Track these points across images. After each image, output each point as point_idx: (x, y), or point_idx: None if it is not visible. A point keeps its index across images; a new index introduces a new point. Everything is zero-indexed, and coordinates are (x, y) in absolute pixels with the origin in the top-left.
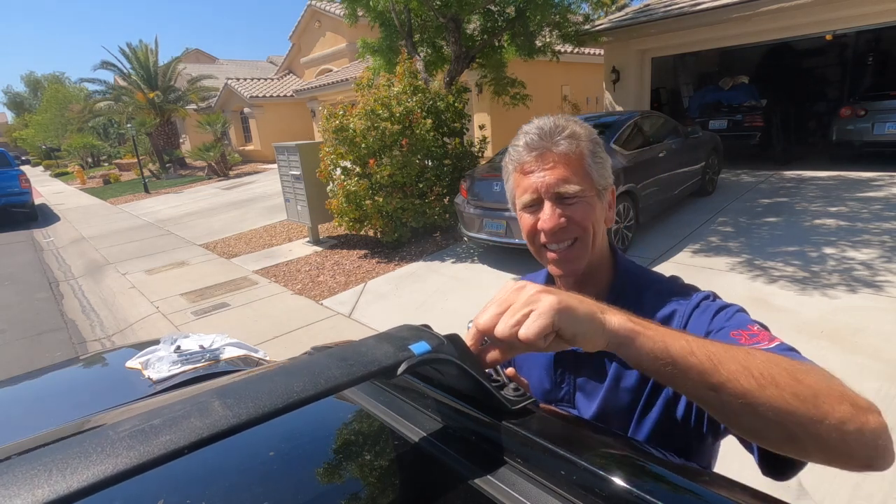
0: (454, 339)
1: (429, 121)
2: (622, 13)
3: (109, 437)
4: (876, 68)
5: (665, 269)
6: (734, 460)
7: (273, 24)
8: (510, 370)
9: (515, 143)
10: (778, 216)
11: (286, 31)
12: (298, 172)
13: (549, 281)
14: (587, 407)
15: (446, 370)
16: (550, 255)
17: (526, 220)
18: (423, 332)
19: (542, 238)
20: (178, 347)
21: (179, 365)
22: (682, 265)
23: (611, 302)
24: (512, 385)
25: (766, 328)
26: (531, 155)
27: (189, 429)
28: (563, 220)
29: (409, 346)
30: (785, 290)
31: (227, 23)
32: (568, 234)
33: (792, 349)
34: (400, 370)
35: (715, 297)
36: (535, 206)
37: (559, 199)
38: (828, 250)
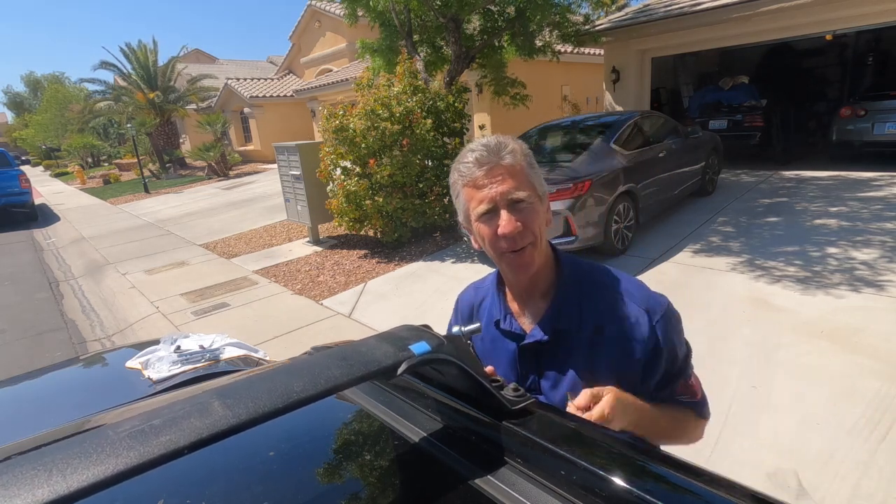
0: (454, 340)
1: (429, 121)
2: (622, 13)
3: (109, 437)
4: (876, 68)
5: (665, 269)
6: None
7: (273, 24)
8: (489, 368)
9: (464, 160)
10: (778, 216)
11: (286, 31)
12: (298, 172)
13: (499, 281)
14: (553, 395)
15: (446, 370)
16: (510, 258)
17: (484, 229)
18: (424, 332)
19: (504, 245)
20: (178, 347)
21: (179, 365)
22: (683, 265)
23: (556, 292)
24: (511, 385)
25: (697, 379)
26: (482, 170)
27: (189, 429)
28: (518, 224)
29: (410, 347)
30: (785, 289)
31: (227, 23)
32: (525, 239)
33: (703, 400)
34: (400, 370)
35: (670, 310)
36: (490, 214)
37: (512, 206)
38: (828, 250)
